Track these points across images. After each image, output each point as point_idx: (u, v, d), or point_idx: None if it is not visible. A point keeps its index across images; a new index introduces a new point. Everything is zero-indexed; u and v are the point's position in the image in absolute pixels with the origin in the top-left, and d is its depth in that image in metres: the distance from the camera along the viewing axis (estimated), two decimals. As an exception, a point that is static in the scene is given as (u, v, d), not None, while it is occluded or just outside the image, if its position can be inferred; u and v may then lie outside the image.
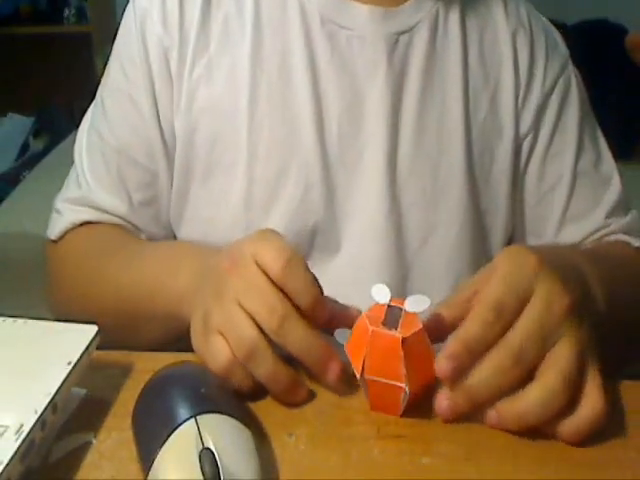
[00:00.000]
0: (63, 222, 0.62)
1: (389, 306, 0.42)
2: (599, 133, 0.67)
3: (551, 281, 0.41)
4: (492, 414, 0.41)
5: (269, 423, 0.42)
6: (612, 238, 0.64)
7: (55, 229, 0.62)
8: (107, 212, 0.61)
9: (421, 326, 0.41)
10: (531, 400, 0.40)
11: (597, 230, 0.64)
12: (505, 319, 0.40)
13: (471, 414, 0.41)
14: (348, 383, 0.46)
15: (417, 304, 0.41)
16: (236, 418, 0.38)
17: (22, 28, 2.41)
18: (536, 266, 0.41)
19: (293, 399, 0.43)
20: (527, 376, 0.40)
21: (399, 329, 0.40)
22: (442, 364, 0.40)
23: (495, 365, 0.40)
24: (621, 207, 0.65)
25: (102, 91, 0.63)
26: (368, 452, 0.40)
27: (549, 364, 0.40)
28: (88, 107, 0.66)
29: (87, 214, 0.61)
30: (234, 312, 0.41)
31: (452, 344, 0.40)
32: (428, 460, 0.40)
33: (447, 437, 0.42)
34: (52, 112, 2.42)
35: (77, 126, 0.66)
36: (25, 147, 2.32)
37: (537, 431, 0.41)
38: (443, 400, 0.41)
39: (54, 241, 0.63)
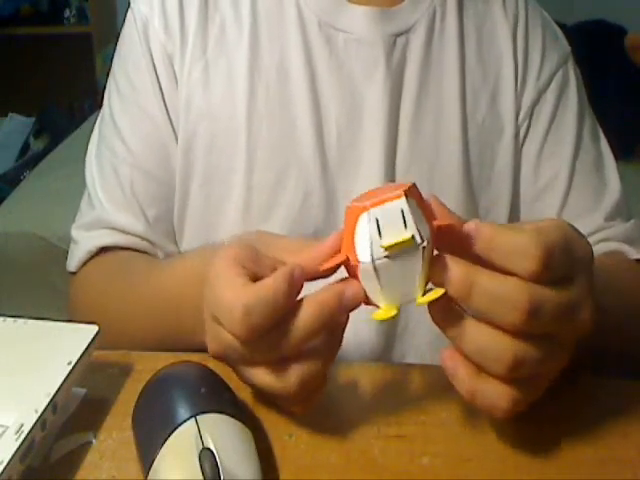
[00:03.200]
0: (79, 252, 0.60)
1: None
2: (600, 134, 0.66)
3: (588, 291, 0.38)
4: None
5: (269, 423, 0.42)
6: (611, 246, 0.62)
7: (73, 260, 0.61)
8: (123, 231, 0.59)
9: (413, 182, 0.37)
10: (491, 345, 0.36)
11: (596, 231, 0.62)
12: (544, 277, 0.35)
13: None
14: (348, 382, 0.46)
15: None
16: (236, 418, 0.38)
17: (23, 29, 2.41)
18: (589, 258, 0.39)
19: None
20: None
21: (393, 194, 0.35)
22: (470, 224, 0.36)
23: (511, 296, 0.35)
24: (622, 212, 0.64)
25: (110, 105, 0.62)
26: (368, 452, 0.40)
27: (530, 343, 0.36)
28: (88, 107, 0.66)
29: (102, 238, 0.59)
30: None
31: (485, 225, 0.36)
32: (428, 460, 0.40)
33: (447, 437, 0.42)
34: (53, 112, 2.43)
35: (77, 126, 0.66)
36: (26, 147, 2.32)
37: (537, 432, 0.41)
38: (440, 265, 0.36)
39: (74, 273, 0.61)
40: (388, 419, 0.43)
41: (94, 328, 0.43)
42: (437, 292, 0.36)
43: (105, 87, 0.65)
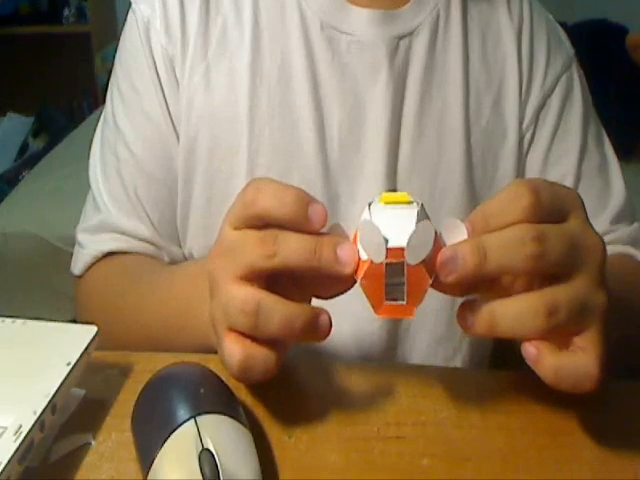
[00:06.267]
0: (85, 256, 0.60)
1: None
2: (604, 137, 0.66)
3: (587, 223, 0.39)
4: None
5: (269, 423, 0.42)
6: (617, 249, 0.62)
7: (78, 264, 0.61)
8: (128, 235, 0.59)
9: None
10: (522, 306, 0.36)
11: (602, 235, 0.62)
12: (537, 200, 0.36)
13: (470, 281, 0.37)
14: (348, 383, 0.46)
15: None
16: (236, 419, 0.38)
17: (22, 28, 2.42)
18: (577, 198, 0.40)
19: (318, 333, 0.39)
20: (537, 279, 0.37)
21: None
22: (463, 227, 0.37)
23: (516, 234, 0.36)
24: (626, 215, 0.64)
25: (112, 108, 0.62)
26: (368, 452, 0.40)
27: (557, 286, 0.37)
28: (87, 106, 0.66)
29: (108, 243, 0.60)
30: (226, 291, 0.39)
31: (472, 215, 0.38)
32: (428, 460, 0.40)
33: (447, 437, 0.42)
34: (51, 112, 2.43)
35: (76, 126, 0.66)
36: (25, 147, 2.33)
37: (537, 432, 0.41)
38: (448, 251, 0.37)
39: (79, 276, 0.62)
40: (388, 420, 0.43)
41: (93, 328, 0.43)
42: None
43: (104, 87, 0.65)
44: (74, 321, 0.45)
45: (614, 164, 0.65)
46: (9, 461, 0.34)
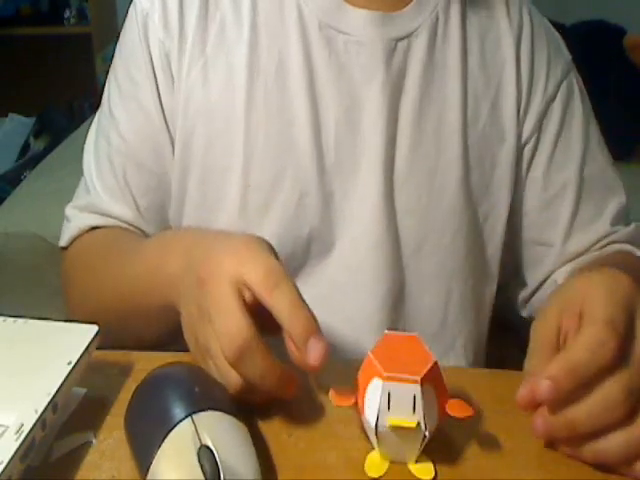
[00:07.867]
0: (71, 229, 0.63)
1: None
2: (602, 140, 0.66)
3: None
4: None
5: (268, 422, 0.42)
6: (616, 247, 0.63)
7: (64, 236, 0.64)
8: (114, 218, 0.61)
9: (434, 359, 0.39)
10: (619, 442, 0.38)
11: (603, 237, 0.63)
12: (619, 337, 0.37)
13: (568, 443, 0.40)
14: (347, 382, 0.46)
15: None
16: (232, 414, 0.38)
17: (23, 29, 2.41)
18: (633, 286, 0.40)
19: (284, 394, 0.42)
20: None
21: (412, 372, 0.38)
22: (543, 386, 0.37)
23: (606, 399, 0.38)
24: (622, 217, 0.65)
25: (109, 97, 0.63)
26: (367, 451, 0.40)
27: None
28: (88, 107, 0.66)
29: (94, 220, 0.62)
30: (209, 337, 0.41)
31: (555, 365, 0.38)
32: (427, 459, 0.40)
33: (446, 437, 0.42)
34: (53, 113, 2.42)
35: (77, 126, 0.67)
36: (26, 147, 2.32)
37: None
38: (541, 423, 0.39)
39: (65, 248, 0.64)
40: (387, 419, 0.43)
41: (94, 328, 0.43)
42: (429, 470, 0.39)
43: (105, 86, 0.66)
44: (75, 321, 0.45)
45: (612, 166, 0.66)
46: (11, 460, 0.34)
